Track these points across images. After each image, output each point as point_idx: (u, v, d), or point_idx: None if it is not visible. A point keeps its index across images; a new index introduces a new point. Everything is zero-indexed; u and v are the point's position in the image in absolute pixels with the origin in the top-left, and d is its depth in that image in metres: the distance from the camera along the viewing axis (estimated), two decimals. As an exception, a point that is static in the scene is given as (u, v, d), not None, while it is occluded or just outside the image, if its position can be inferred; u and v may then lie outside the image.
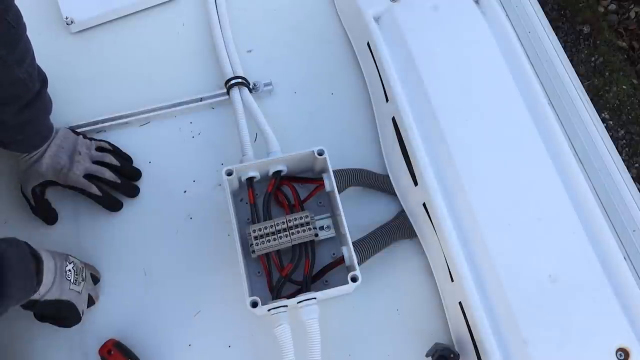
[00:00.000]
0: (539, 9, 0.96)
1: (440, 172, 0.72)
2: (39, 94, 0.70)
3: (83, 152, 0.78)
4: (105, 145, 0.82)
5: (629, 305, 0.65)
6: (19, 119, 0.70)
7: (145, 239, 0.80)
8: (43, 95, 0.72)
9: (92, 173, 0.78)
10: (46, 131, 0.76)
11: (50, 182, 0.77)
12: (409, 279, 0.77)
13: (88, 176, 0.77)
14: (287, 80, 0.90)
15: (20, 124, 0.71)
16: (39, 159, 0.76)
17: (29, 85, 0.68)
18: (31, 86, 0.69)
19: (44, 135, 0.76)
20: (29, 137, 0.74)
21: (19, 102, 0.68)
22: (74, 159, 0.77)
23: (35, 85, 0.70)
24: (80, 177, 0.77)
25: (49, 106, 0.75)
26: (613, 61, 1.96)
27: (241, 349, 0.74)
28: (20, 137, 0.73)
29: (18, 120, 0.70)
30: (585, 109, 0.88)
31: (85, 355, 0.73)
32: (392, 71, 0.79)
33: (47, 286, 0.64)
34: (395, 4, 0.83)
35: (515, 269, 0.67)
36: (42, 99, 0.72)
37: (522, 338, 0.63)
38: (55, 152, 0.76)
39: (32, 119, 0.72)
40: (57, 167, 0.76)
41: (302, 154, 0.75)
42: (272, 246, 0.71)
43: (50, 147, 0.76)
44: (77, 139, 0.79)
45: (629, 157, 1.83)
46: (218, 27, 0.92)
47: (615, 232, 0.80)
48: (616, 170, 0.84)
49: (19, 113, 0.69)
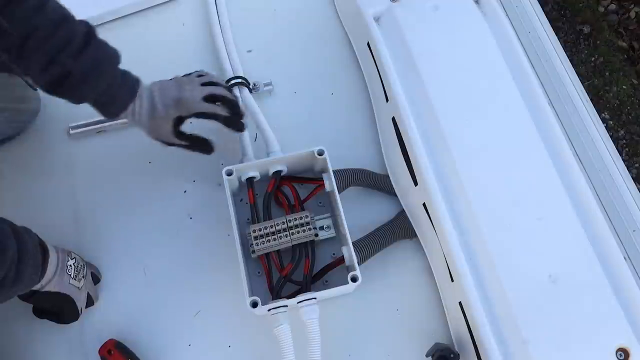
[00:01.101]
0: (539, 9, 0.96)
1: (440, 172, 0.72)
2: (89, 34, 0.66)
3: (187, 80, 0.74)
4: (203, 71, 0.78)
5: (629, 305, 0.65)
6: (83, 64, 0.64)
7: (145, 239, 0.80)
8: (97, 39, 0.67)
9: (211, 94, 0.73)
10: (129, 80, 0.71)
11: (178, 120, 0.73)
12: (409, 279, 0.77)
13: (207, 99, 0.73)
14: (287, 80, 0.90)
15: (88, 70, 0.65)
16: (151, 106, 0.72)
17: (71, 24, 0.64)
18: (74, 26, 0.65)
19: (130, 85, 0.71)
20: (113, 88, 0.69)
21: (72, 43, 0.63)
22: (184, 88, 0.73)
23: (80, 25, 0.65)
24: (202, 101, 0.72)
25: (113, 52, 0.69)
26: (613, 61, 1.95)
27: (241, 349, 0.74)
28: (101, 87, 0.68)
29: (83, 66, 0.65)
30: (585, 109, 0.88)
31: (85, 355, 0.73)
32: (392, 71, 0.79)
33: (48, 277, 0.65)
34: (395, 4, 0.83)
35: (515, 269, 0.67)
36: (97, 41, 0.67)
37: (522, 338, 0.63)
38: (161, 93, 0.72)
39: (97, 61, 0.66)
40: (172, 101, 0.72)
41: (302, 154, 0.75)
42: (272, 246, 0.71)
43: (154, 93, 0.72)
44: (175, 78, 0.75)
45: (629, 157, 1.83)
46: (218, 27, 0.92)
47: (615, 232, 0.80)
48: (616, 170, 0.84)
49: (79, 56, 0.64)
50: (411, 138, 0.74)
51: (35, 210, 0.81)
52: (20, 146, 0.86)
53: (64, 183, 0.83)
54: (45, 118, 0.88)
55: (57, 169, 0.85)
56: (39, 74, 0.65)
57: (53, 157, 0.86)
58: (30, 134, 0.87)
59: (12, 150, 0.85)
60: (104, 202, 0.83)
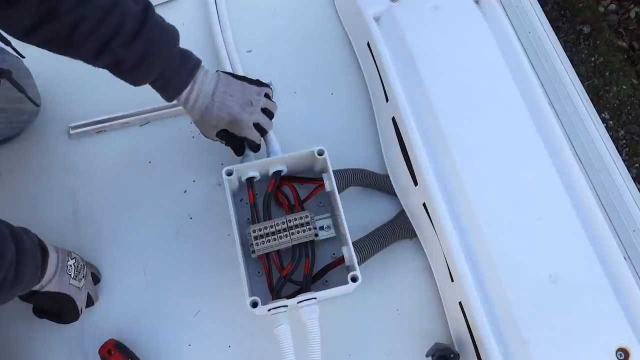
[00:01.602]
0: (539, 9, 0.96)
1: (440, 172, 0.72)
2: (143, 21, 0.63)
3: (254, 101, 0.73)
4: (270, 92, 0.77)
5: (629, 305, 0.65)
6: (134, 53, 0.63)
7: (145, 238, 0.80)
8: (151, 23, 0.64)
9: (259, 123, 0.74)
10: (189, 62, 0.69)
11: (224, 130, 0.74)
12: (409, 279, 0.77)
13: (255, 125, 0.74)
14: (287, 80, 0.90)
15: (140, 58, 0.64)
16: (208, 109, 0.71)
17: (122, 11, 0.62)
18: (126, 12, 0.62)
19: (189, 67, 0.69)
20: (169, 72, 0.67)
21: (121, 33, 0.61)
22: (245, 109, 0.72)
23: (133, 10, 0.63)
24: (252, 128, 0.73)
25: (169, 32, 0.67)
26: (613, 61, 1.95)
27: (241, 349, 0.74)
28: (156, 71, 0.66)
29: (135, 55, 0.63)
30: (585, 109, 0.88)
31: (85, 355, 0.73)
32: (392, 71, 0.79)
33: (48, 278, 0.65)
34: (395, 4, 0.83)
35: (515, 269, 0.67)
36: (150, 26, 0.64)
37: (522, 338, 0.63)
38: (223, 101, 0.71)
39: (150, 49, 0.64)
40: (228, 117, 0.71)
41: (302, 154, 0.75)
42: (272, 246, 0.71)
43: (216, 95, 0.71)
44: (244, 85, 0.74)
45: (629, 157, 1.83)
46: (218, 27, 0.92)
47: (615, 232, 0.80)
48: (616, 170, 0.84)
49: (130, 45, 0.62)
50: (411, 138, 0.74)
51: (35, 210, 0.81)
52: (20, 146, 0.86)
53: (64, 183, 0.83)
54: (45, 118, 0.88)
55: (57, 169, 0.85)
56: (92, 61, 0.64)
57: (53, 157, 0.86)
58: (30, 134, 0.87)
59: (12, 150, 0.85)
60: (103, 202, 0.82)
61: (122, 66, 0.64)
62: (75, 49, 0.63)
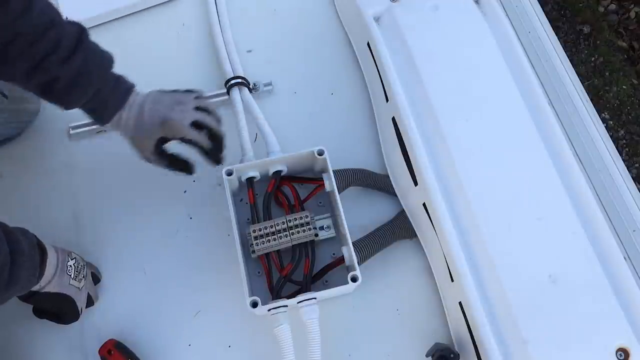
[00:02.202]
0: (539, 9, 0.96)
1: (440, 172, 0.72)
2: (80, 39, 0.64)
3: (184, 101, 0.72)
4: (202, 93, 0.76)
5: (629, 305, 0.65)
6: (71, 70, 0.63)
7: (145, 238, 0.80)
8: (88, 43, 0.65)
9: (198, 121, 0.71)
10: (122, 84, 0.70)
11: (161, 140, 0.72)
12: (409, 279, 0.77)
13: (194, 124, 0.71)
14: (287, 80, 0.90)
15: (76, 76, 0.64)
16: (138, 120, 0.70)
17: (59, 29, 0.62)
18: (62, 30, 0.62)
19: (123, 89, 0.69)
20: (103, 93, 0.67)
21: (59, 49, 0.62)
22: (174, 109, 0.71)
23: (69, 29, 0.63)
24: (187, 126, 0.71)
25: (104, 55, 0.68)
26: (613, 61, 1.95)
27: (241, 349, 0.74)
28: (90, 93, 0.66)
29: (71, 72, 0.63)
30: (585, 109, 0.88)
31: (85, 355, 0.73)
32: (392, 71, 0.79)
33: (48, 279, 0.65)
34: (395, 4, 0.83)
35: (515, 269, 0.67)
36: (87, 45, 0.65)
37: (522, 338, 0.63)
38: (152, 108, 0.70)
39: (87, 68, 0.65)
40: (158, 120, 0.70)
41: (302, 154, 0.75)
42: (272, 246, 0.71)
43: (145, 107, 0.70)
44: (173, 93, 0.73)
45: (629, 157, 1.83)
46: (218, 27, 0.92)
47: (615, 232, 0.80)
48: (616, 170, 0.84)
49: (67, 62, 0.62)
50: (411, 138, 0.74)
51: (35, 210, 0.81)
52: (20, 146, 0.86)
53: (64, 183, 0.83)
54: (45, 118, 0.88)
55: (57, 169, 0.85)
56: (25, 80, 0.63)
57: (53, 157, 0.86)
58: (30, 134, 0.87)
59: (12, 151, 0.85)
60: (104, 202, 0.83)
61: (57, 84, 0.64)
62: (7, 66, 0.62)
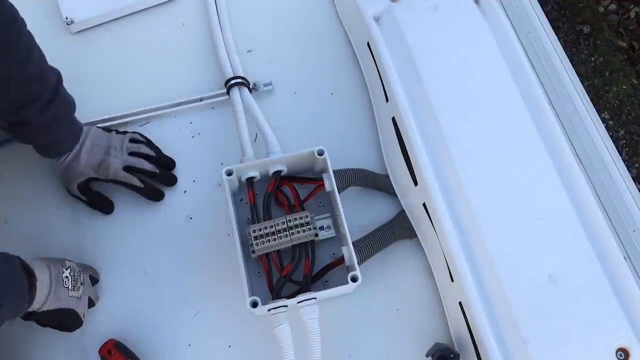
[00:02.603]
0: (539, 9, 0.96)
1: (440, 172, 0.72)
2: (56, 90, 0.70)
3: (118, 146, 0.78)
4: (137, 137, 0.82)
5: (629, 305, 0.65)
6: (45, 118, 0.69)
7: (145, 238, 0.80)
8: (61, 91, 0.72)
9: (131, 165, 0.78)
10: (76, 129, 0.76)
11: (92, 179, 0.78)
12: (409, 279, 0.77)
13: (127, 168, 0.78)
14: (287, 80, 0.90)
15: (48, 123, 0.70)
16: (75, 158, 0.76)
17: (44, 80, 0.68)
18: (47, 82, 0.68)
19: (75, 133, 0.76)
20: (62, 137, 0.74)
21: (39, 99, 0.67)
22: (110, 153, 0.77)
23: (51, 79, 0.69)
24: (120, 170, 0.77)
25: (71, 102, 0.75)
26: (613, 61, 1.96)
27: (241, 349, 0.74)
28: (53, 137, 0.73)
29: (45, 119, 0.69)
30: (585, 109, 0.88)
31: (85, 355, 0.73)
32: (392, 71, 0.79)
33: (42, 300, 0.63)
34: (395, 4, 0.83)
35: (515, 269, 0.67)
36: (61, 94, 0.71)
37: (522, 338, 0.63)
38: (90, 149, 0.76)
39: (58, 115, 0.71)
40: (96, 163, 0.76)
41: (302, 154, 0.75)
42: (272, 246, 0.71)
43: (84, 145, 0.76)
44: (110, 135, 0.80)
45: (629, 157, 1.83)
46: (218, 27, 0.92)
47: (615, 232, 0.80)
48: (616, 170, 0.84)
49: (43, 110, 0.68)
50: (411, 138, 0.74)
51: (35, 211, 0.81)
52: (20, 147, 0.85)
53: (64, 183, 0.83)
54: (45, 118, 0.87)
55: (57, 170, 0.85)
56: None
57: (53, 157, 0.86)
58: (30, 134, 0.87)
59: (12, 152, 0.84)
60: (104, 202, 0.82)
61: (28, 127, 0.69)
62: None
